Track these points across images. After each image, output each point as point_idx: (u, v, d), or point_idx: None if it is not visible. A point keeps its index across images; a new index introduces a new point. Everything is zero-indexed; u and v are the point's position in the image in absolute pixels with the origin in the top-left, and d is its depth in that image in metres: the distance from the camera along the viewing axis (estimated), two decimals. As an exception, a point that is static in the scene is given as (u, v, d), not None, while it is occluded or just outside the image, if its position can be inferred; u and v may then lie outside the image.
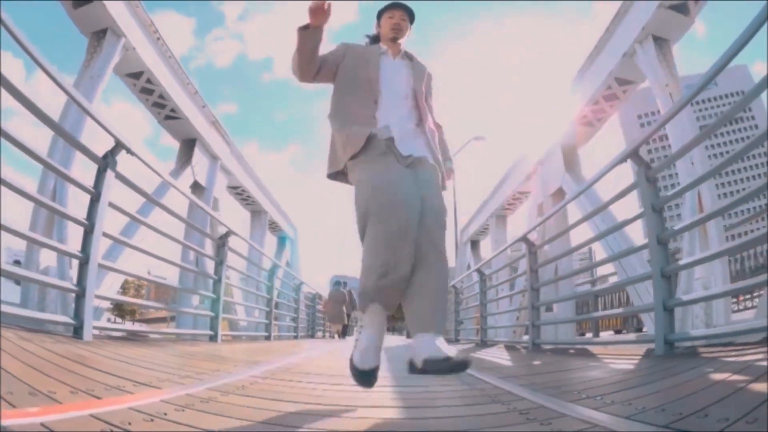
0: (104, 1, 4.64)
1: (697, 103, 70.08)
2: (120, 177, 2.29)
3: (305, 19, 1.37)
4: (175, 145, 6.42)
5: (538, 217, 7.10)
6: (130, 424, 0.78)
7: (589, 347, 2.86)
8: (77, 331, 1.99)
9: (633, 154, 2.31)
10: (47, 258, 4.00)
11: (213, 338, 3.74)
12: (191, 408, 0.98)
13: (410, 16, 1.70)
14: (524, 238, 4.02)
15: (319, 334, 10.77)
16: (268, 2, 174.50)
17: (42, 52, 1.74)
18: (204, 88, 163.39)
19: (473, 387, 1.50)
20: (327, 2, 1.35)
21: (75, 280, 2.17)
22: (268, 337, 6.13)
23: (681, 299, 1.97)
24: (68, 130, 4.13)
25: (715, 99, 70.59)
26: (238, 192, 7.88)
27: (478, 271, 5.83)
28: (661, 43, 4.93)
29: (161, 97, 5.78)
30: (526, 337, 3.90)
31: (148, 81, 5.54)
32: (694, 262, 2.21)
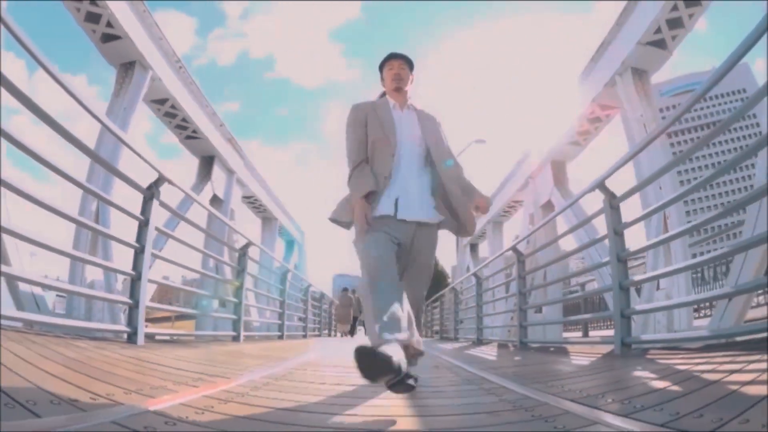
0: (132, 38, 5.15)
1: (698, 102, 69.22)
2: (163, 205, 2.81)
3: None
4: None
5: (530, 225, 7.55)
6: (212, 407, 1.01)
7: (567, 346, 3.34)
8: (131, 337, 2.30)
9: (600, 185, 2.69)
10: (91, 272, 4.53)
11: (236, 338, 4.20)
12: (251, 394, 1.21)
13: (409, 64, 1.70)
14: (514, 248, 4.59)
15: (325, 332, 11.27)
16: (269, 2, 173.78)
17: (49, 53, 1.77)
18: (207, 86, 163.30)
19: (457, 374, 1.96)
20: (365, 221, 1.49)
21: (113, 289, 2.70)
22: (280, 336, 6.66)
23: (635, 309, 2.37)
24: (106, 157, 4.69)
25: (716, 97, 69.58)
26: (251, 201, 8.42)
27: (475, 275, 6.31)
28: (640, 73, 5.34)
29: (184, 120, 6.31)
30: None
31: (172, 107, 6.07)
32: (647, 278, 2.74)
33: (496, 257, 6.96)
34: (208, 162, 7.03)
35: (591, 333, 8.42)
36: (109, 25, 4.90)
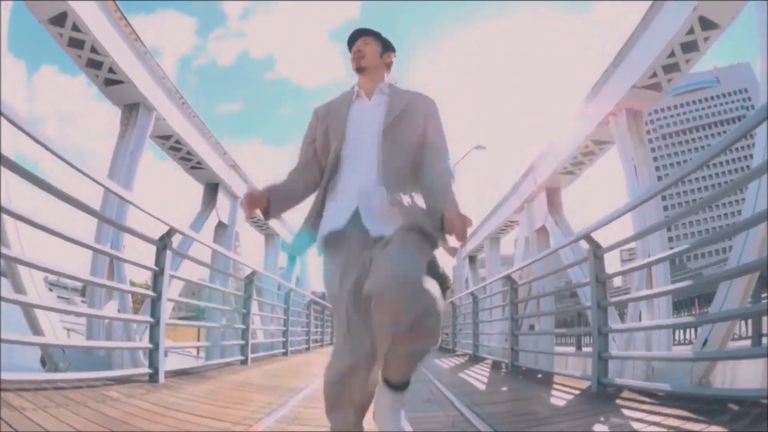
0: (135, 83, 5.13)
1: (699, 101, 68.08)
2: (176, 253, 2.91)
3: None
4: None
5: (526, 248, 7.65)
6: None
7: (553, 374, 3.62)
8: (152, 377, 2.54)
9: (586, 236, 2.90)
10: (110, 310, 4.66)
11: (244, 362, 4.53)
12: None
13: (376, 39, 1.37)
14: (508, 276, 4.79)
15: (328, 341, 11.50)
16: (269, 2, 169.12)
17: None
18: (207, 86, 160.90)
19: (446, 412, 2.16)
20: (247, 198, 1.21)
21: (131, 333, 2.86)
22: (285, 353, 6.86)
23: (611, 354, 2.65)
24: (116, 205, 4.74)
25: (717, 97, 68.45)
26: (255, 221, 8.49)
27: (472, 294, 6.48)
28: (634, 113, 5.30)
29: (188, 153, 6.33)
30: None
31: (177, 142, 6.07)
32: (626, 329, 2.91)
33: (491, 281, 7.08)
34: (212, 189, 7.07)
35: (584, 348, 8.70)
36: (111, 71, 4.87)
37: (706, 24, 4.32)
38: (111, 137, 5.32)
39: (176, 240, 2.94)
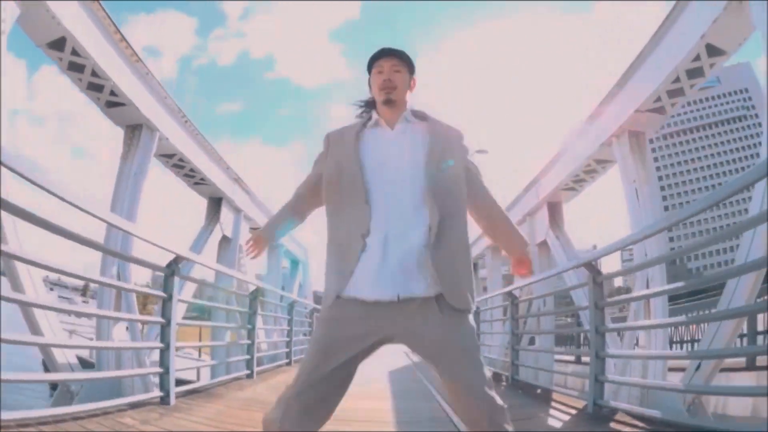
0: (137, 105, 5.05)
1: (700, 101, 67.33)
2: (183, 277, 2.99)
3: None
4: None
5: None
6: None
7: (551, 390, 3.79)
8: (164, 399, 2.64)
9: (586, 264, 2.97)
10: (118, 332, 4.65)
11: (249, 376, 4.67)
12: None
13: (407, 64, 1.21)
14: (509, 293, 4.83)
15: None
16: (269, 2, 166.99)
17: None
18: (207, 87, 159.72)
19: None
20: (250, 245, 1.26)
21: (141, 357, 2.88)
22: (288, 363, 6.88)
23: (607, 378, 2.74)
24: (121, 233, 4.70)
25: (717, 97, 67.66)
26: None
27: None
28: (637, 135, 5.20)
29: (192, 170, 6.27)
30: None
31: (180, 160, 6.02)
32: (624, 355, 3.56)
33: (493, 295, 7.05)
34: (216, 203, 7.03)
35: (584, 358, 8.72)
36: (112, 93, 4.80)
37: (713, 51, 4.20)
38: (112, 138, 5.25)
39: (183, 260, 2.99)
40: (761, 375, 4.94)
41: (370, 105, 1.25)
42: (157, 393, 2.69)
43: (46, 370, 5.02)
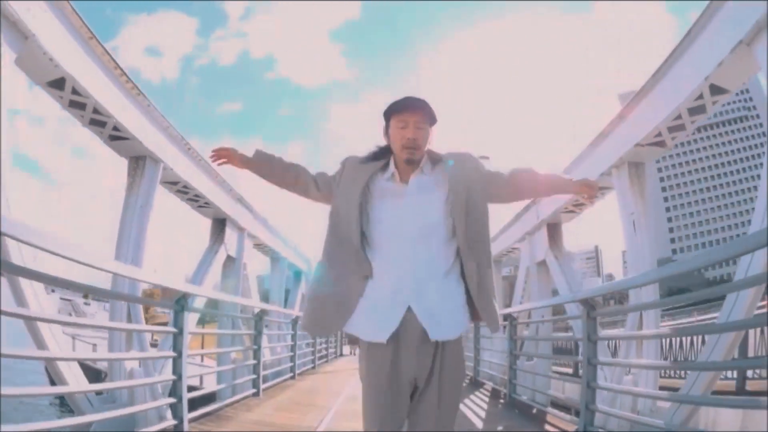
0: (140, 139, 4.99)
1: None
2: (193, 310, 3.19)
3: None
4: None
5: (527, 278, 7.60)
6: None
7: (546, 410, 4.01)
8: (177, 427, 2.78)
9: (581, 300, 3.03)
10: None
11: (256, 394, 4.81)
12: None
13: (430, 118, 1.17)
14: (507, 315, 4.89)
15: (333, 353, 11.63)
16: (269, 2, 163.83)
17: None
18: (208, 86, 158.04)
19: None
20: (218, 152, 1.26)
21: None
22: (293, 377, 6.95)
23: (597, 407, 2.88)
24: (130, 255, 4.69)
25: None
26: (261, 247, 8.46)
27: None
28: (636, 165, 5.12)
29: (196, 195, 6.24)
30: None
31: (185, 186, 5.98)
32: (615, 389, 3.29)
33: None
34: (220, 223, 7.01)
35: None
36: (115, 128, 4.75)
37: (716, 90, 4.09)
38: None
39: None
40: (751, 401, 4.95)
41: (385, 152, 1.22)
42: (170, 422, 2.82)
43: (50, 377, 5.07)
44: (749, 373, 5.48)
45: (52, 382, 4.92)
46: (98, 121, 4.67)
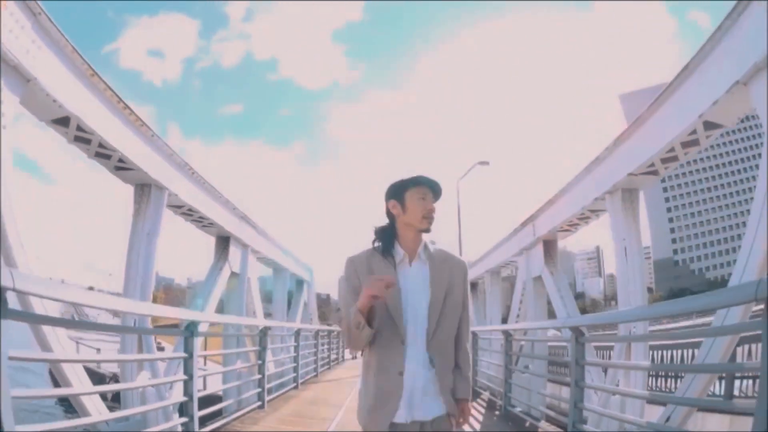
0: (145, 169, 5.02)
1: None
2: (201, 334, 3.28)
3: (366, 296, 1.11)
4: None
5: (523, 293, 7.65)
6: None
7: (539, 426, 4.07)
8: None
9: (571, 326, 3.14)
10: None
11: (261, 407, 4.91)
12: None
13: (440, 195, 1.26)
14: (504, 331, 4.95)
15: (334, 359, 11.76)
16: (271, 2, 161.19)
17: None
18: (210, 88, 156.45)
19: None
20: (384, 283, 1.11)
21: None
22: (295, 387, 7.06)
23: (582, 428, 2.99)
24: (139, 288, 4.77)
25: None
26: (264, 260, 8.53)
27: (473, 332, 6.64)
28: (630, 191, 5.11)
29: (201, 217, 6.29)
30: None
31: (189, 209, 6.03)
32: (603, 413, 3.34)
33: (490, 329, 7.12)
34: (224, 241, 7.08)
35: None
36: (120, 160, 4.78)
37: (710, 125, 4.07)
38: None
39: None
40: (735, 418, 5.00)
41: (387, 233, 1.26)
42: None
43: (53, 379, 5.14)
44: (735, 391, 5.53)
45: (56, 384, 4.99)
46: (103, 154, 4.71)
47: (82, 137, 4.43)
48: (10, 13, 3.25)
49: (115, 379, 11.45)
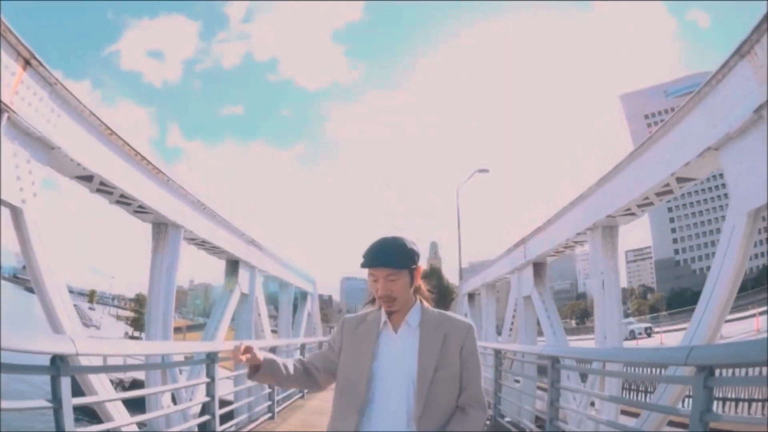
0: (162, 212, 5.37)
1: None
2: (219, 360, 3.55)
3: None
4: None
5: (515, 310, 8.02)
6: None
7: None
8: None
9: (550, 357, 3.41)
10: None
11: (271, 418, 5.28)
12: None
13: (402, 266, 1.12)
14: (495, 349, 5.35)
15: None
16: (270, 2, 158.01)
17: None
18: (211, 89, 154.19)
19: None
20: (239, 349, 1.10)
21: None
22: (302, 396, 7.51)
23: None
24: (161, 312, 5.16)
25: None
26: (271, 278, 8.92)
27: None
28: (610, 229, 5.39)
29: (213, 246, 6.66)
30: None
31: (203, 241, 6.39)
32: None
33: (483, 345, 7.49)
34: (234, 264, 7.46)
35: None
36: (140, 207, 5.13)
37: (683, 180, 4.31)
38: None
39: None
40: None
41: (373, 297, 1.19)
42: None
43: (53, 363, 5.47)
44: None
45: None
46: (124, 201, 5.05)
47: (105, 189, 4.77)
48: (27, 87, 3.41)
49: (133, 384, 12.08)
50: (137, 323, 36.10)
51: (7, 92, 3.22)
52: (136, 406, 4.61)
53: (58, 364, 1.87)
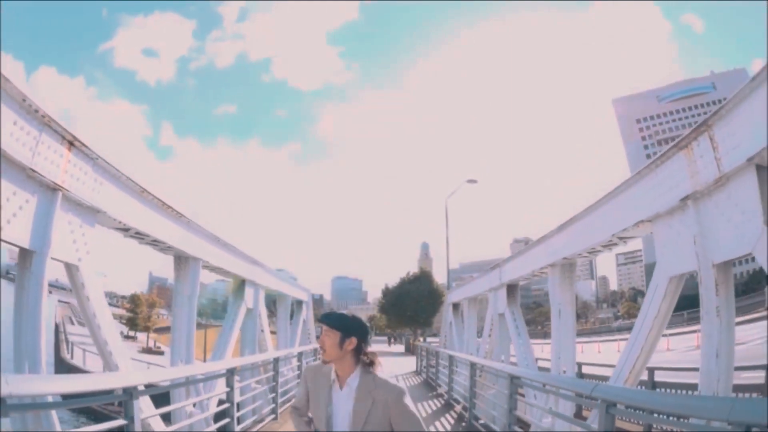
0: (183, 249, 6.13)
1: (696, 107, 64.08)
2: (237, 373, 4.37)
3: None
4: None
5: (491, 327, 9.06)
6: None
7: None
8: None
9: (508, 374, 4.42)
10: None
11: (275, 419, 6.10)
12: None
13: (337, 326, 1.33)
14: (470, 362, 6.32)
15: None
16: (266, 2, 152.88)
17: None
18: (205, 88, 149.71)
19: None
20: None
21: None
22: None
23: None
24: (184, 339, 6.00)
25: (712, 103, 65.42)
26: (271, 292, 9.80)
27: (449, 355, 8.17)
28: (570, 264, 6.37)
29: (225, 271, 7.48)
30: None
31: (218, 267, 7.21)
32: None
33: (461, 356, 8.53)
34: (241, 283, 8.29)
35: None
36: (156, 241, 5.83)
37: (624, 238, 5.13)
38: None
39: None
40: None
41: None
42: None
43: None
44: None
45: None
46: (141, 237, 5.77)
47: (138, 236, 5.50)
48: (73, 165, 3.92)
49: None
50: (132, 322, 36.21)
51: (59, 173, 3.79)
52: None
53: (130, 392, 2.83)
